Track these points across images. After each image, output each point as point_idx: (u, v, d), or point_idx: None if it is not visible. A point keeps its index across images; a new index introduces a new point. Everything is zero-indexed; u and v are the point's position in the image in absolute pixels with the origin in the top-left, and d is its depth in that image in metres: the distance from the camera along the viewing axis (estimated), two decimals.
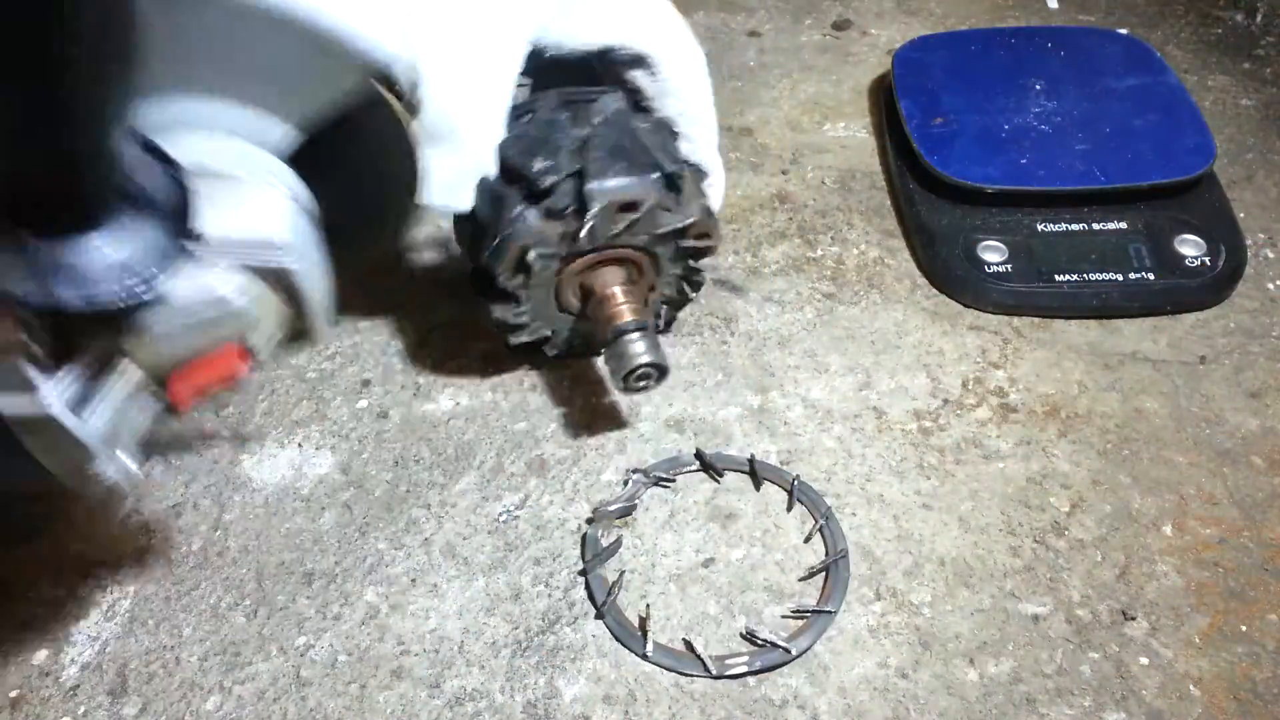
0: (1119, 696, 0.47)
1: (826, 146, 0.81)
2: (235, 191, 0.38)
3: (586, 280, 0.54)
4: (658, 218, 0.51)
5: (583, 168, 0.49)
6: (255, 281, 0.38)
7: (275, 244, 0.38)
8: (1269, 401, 0.60)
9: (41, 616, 0.52)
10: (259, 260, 0.37)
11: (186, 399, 0.39)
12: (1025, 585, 0.51)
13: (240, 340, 0.39)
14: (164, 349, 0.37)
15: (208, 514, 0.56)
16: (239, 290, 0.37)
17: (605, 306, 0.54)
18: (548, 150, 0.50)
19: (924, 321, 0.66)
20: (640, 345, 0.52)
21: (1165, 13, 0.95)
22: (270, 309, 0.39)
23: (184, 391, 0.38)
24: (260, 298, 0.38)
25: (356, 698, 0.48)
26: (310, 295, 0.40)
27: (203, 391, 0.39)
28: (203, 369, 0.39)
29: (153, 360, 0.37)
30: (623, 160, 0.50)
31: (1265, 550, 0.53)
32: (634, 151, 0.51)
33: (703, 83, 0.54)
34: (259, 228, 0.37)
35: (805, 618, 0.50)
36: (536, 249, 0.51)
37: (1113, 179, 0.68)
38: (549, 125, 0.52)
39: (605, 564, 0.53)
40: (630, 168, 0.50)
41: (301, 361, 0.65)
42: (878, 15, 0.97)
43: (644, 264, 0.55)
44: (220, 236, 0.36)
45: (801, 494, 0.55)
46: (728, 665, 0.48)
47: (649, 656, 0.49)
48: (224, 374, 0.39)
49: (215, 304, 0.37)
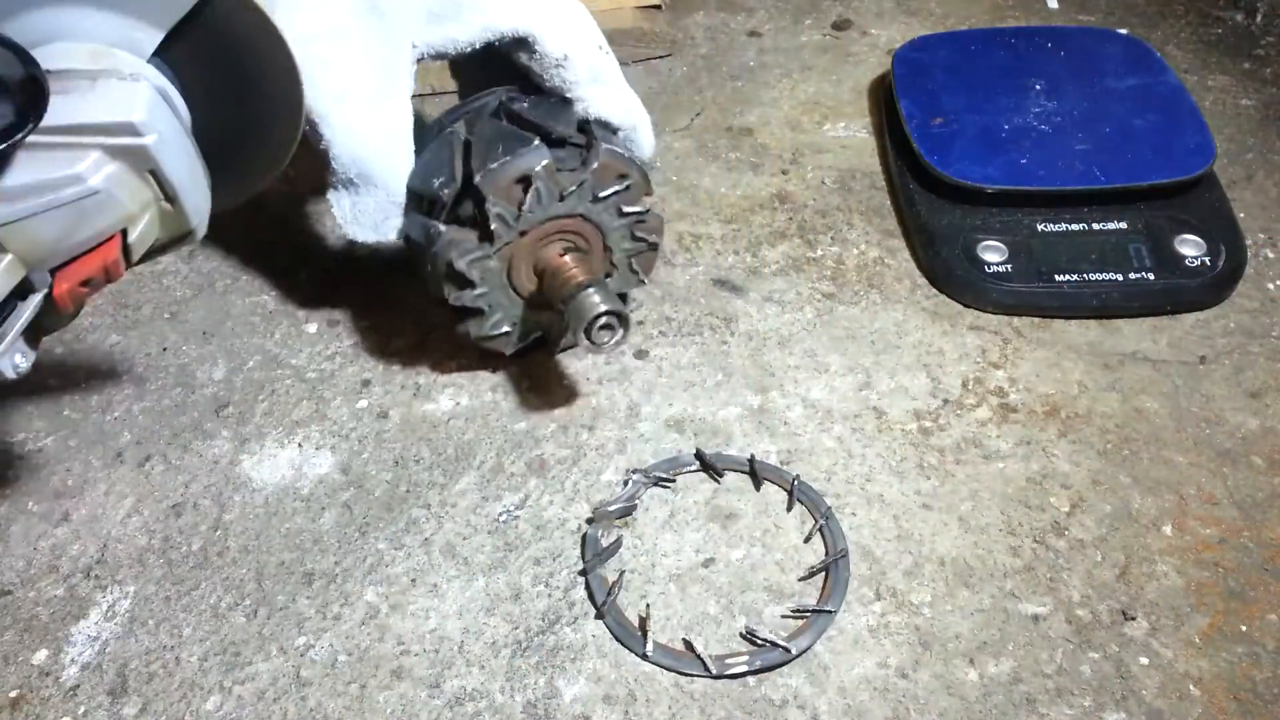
0: (1119, 696, 0.47)
1: (826, 146, 0.81)
2: (94, 83, 0.40)
3: (535, 263, 0.55)
4: (559, 179, 0.52)
5: (469, 168, 0.51)
6: (118, 164, 0.40)
7: (132, 125, 0.39)
8: (1269, 401, 0.60)
9: (41, 616, 0.52)
10: (116, 141, 0.39)
11: (66, 292, 0.40)
12: (1025, 585, 0.51)
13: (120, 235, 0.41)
14: (39, 238, 0.39)
15: (208, 514, 0.56)
16: (93, 168, 0.39)
17: (557, 277, 0.54)
18: (440, 166, 0.53)
19: (924, 321, 0.66)
20: (596, 296, 0.52)
21: (1165, 13, 0.95)
22: (140, 198, 0.41)
23: (64, 285, 0.40)
24: (127, 184, 0.40)
25: (356, 698, 0.48)
26: (178, 182, 0.42)
27: (84, 284, 0.41)
28: (82, 262, 0.40)
29: (30, 250, 0.39)
30: (503, 143, 0.51)
31: (1265, 550, 0.53)
32: (515, 132, 0.52)
33: (583, 42, 0.54)
34: (115, 111, 0.39)
35: (805, 617, 0.50)
36: (460, 257, 0.52)
37: (1113, 179, 0.68)
38: (442, 143, 0.54)
39: (605, 564, 0.53)
40: (511, 147, 0.51)
41: (301, 361, 0.65)
42: (878, 15, 0.97)
43: (586, 232, 0.55)
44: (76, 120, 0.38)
45: (801, 494, 0.55)
46: (727, 665, 0.48)
47: (649, 656, 0.49)
48: (101, 265, 0.41)
49: (74, 183, 0.38)
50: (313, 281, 0.71)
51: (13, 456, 0.60)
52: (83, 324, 0.68)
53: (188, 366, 0.65)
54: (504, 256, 0.54)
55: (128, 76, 0.41)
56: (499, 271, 0.54)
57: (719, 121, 0.84)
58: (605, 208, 0.54)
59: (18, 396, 0.63)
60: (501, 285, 0.55)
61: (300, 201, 0.77)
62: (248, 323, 0.68)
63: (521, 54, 0.54)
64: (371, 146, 0.52)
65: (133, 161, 0.40)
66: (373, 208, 0.54)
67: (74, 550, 0.55)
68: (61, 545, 0.55)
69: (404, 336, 0.66)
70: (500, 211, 0.51)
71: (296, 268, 0.71)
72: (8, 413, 0.62)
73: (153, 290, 0.70)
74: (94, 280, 0.41)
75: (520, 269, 0.55)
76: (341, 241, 0.73)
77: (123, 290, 0.70)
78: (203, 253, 0.73)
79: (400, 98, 0.53)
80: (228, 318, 0.68)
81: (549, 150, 0.52)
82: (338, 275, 0.71)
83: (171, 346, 0.66)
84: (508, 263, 0.54)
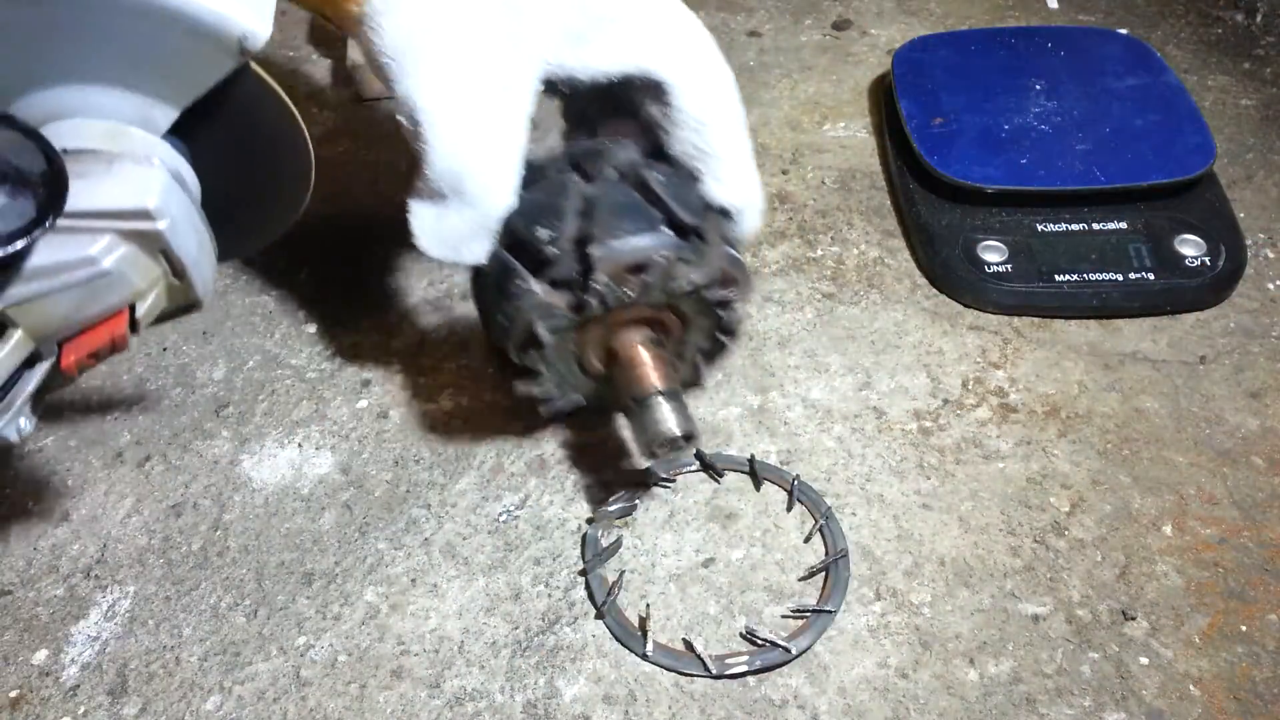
0: (1119, 696, 0.47)
1: (826, 146, 0.81)
2: (109, 166, 0.41)
3: (609, 343, 0.51)
4: (675, 273, 0.47)
5: (586, 231, 0.46)
6: (130, 247, 0.40)
7: (146, 211, 0.40)
8: (1269, 401, 0.60)
9: (41, 616, 0.52)
10: (130, 226, 0.40)
11: (74, 364, 0.41)
12: (1025, 585, 0.51)
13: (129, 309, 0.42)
14: (50, 316, 0.40)
15: (208, 514, 0.56)
16: (106, 250, 0.39)
17: (629, 370, 0.49)
18: (552, 215, 0.47)
19: (924, 321, 0.66)
20: (666, 411, 0.48)
21: (1165, 13, 0.95)
22: (149, 276, 0.42)
23: (71, 356, 0.41)
24: (138, 264, 0.41)
25: (356, 698, 0.48)
26: (188, 260, 0.42)
27: (91, 356, 0.42)
28: (89, 335, 0.41)
29: (41, 327, 0.40)
30: (629, 218, 0.47)
31: (1265, 550, 0.53)
32: (643, 206, 0.47)
33: (725, 109, 0.48)
34: (130, 197, 0.40)
35: (805, 617, 0.50)
36: (544, 322, 0.48)
37: (1113, 179, 0.68)
38: (556, 187, 0.49)
39: (605, 564, 0.53)
40: (637, 225, 0.47)
41: (301, 361, 0.65)
42: (878, 15, 0.97)
43: (670, 321, 0.51)
44: (92, 206, 0.39)
45: (801, 494, 0.55)
46: (728, 665, 0.48)
47: (649, 656, 0.49)
48: (109, 338, 0.41)
49: (86, 265, 0.39)
50: (313, 281, 0.71)
51: (13, 456, 0.60)
52: None
53: (188, 366, 0.65)
54: (581, 329, 0.50)
55: (143, 159, 0.41)
56: (570, 341, 0.50)
57: None
58: (701, 308, 0.50)
59: None
60: (567, 353, 0.51)
61: None
62: (248, 323, 0.68)
63: (653, 105, 0.48)
64: (477, 161, 0.45)
65: (144, 243, 0.41)
66: (459, 227, 0.47)
67: (74, 550, 0.55)
68: (61, 545, 0.55)
69: (404, 336, 0.66)
70: (605, 292, 0.46)
71: (296, 268, 0.71)
72: None
73: None
74: (100, 352, 0.42)
75: (593, 344, 0.51)
76: (341, 242, 0.73)
77: None
78: None
79: (518, 116, 0.46)
80: (228, 318, 0.68)
81: (675, 239, 0.47)
82: (338, 275, 0.71)
83: (171, 346, 0.66)
84: (581, 336, 0.50)
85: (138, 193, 0.40)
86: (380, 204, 0.76)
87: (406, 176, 0.49)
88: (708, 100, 0.47)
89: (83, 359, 0.41)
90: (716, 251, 0.48)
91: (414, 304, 0.68)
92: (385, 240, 0.73)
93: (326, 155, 0.81)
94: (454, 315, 0.67)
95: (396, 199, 0.49)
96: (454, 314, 0.67)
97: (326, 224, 0.76)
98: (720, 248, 0.49)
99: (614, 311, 0.48)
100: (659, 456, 0.49)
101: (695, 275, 0.47)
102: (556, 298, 0.48)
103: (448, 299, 0.68)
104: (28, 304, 0.39)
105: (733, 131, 0.49)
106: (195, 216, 0.43)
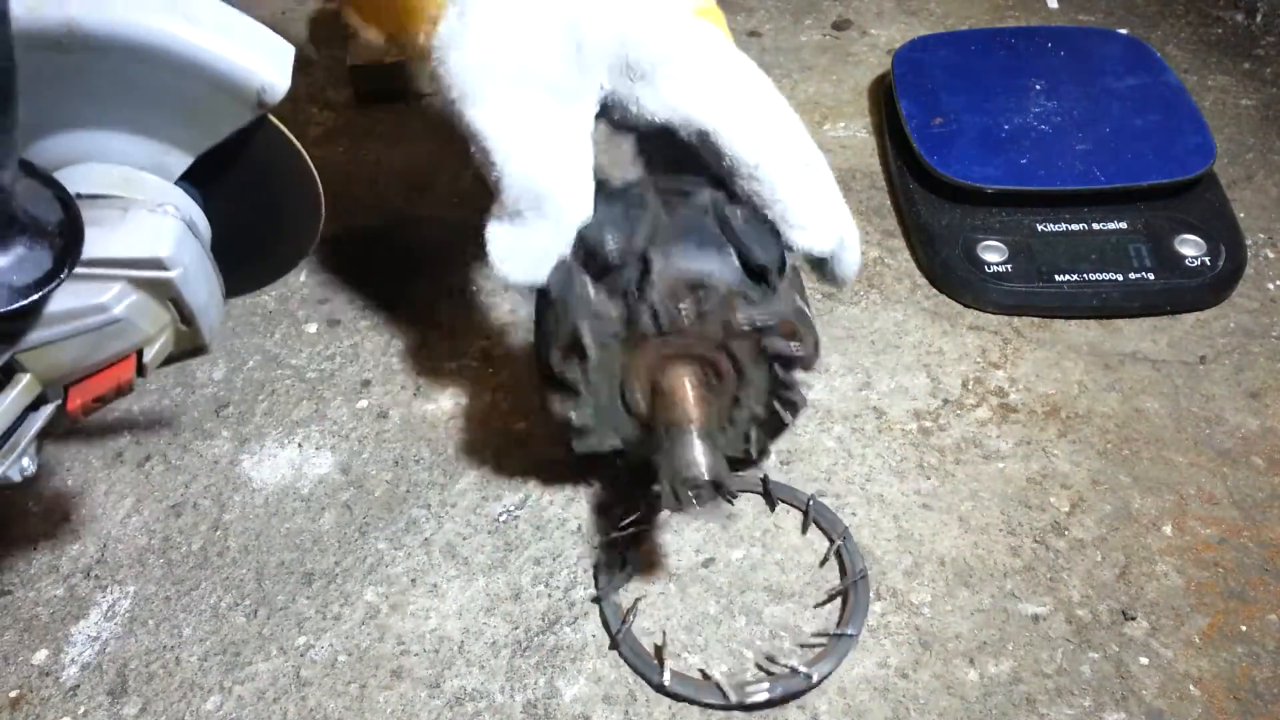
0: (1119, 696, 0.47)
1: (826, 146, 0.80)
2: (124, 214, 0.41)
3: (656, 376, 0.48)
4: (736, 308, 0.45)
5: (652, 242, 0.45)
6: (141, 294, 0.41)
7: (159, 260, 0.40)
8: (1269, 401, 0.60)
9: (41, 616, 0.52)
10: (143, 275, 0.40)
11: (79, 407, 0.42)
12: (1025, 585, 0.51)
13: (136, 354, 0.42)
14: (59, 361, 0.40)
15: (208, 514, 0.56)
16: (117, 298, 0.40)
17: (670, 398, 0.47)
18: (623, 223, 0.46)
19: (924, 321, 0.66)
20: (698, 451, 0.45)
21: (1165, 13, 0.95)
22: (158, 322, 0.42)
23: (78, 400, 0.42)
24: (148, 311, 0.41)
25: (356, 698, 0.48)
26: (197, 307, 0.43)
27: (96, 400, 0.42)
28: (96, 379, 0.42)
29: (49, 371, 0.40)
30: (698, 239, 0.45)
31: (1265, 550, 0.53)
32: (715, 234, 0.45)
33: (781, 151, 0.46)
34: (144, 246, 0.40)
35: (825, 643, 0.49)
36: (592, 329, 0.45)
37: (1113, 179, 0.68)
38: (634, 202, 0.47)
39: (619, 590, 0.51)
40: (703, 245, 0.44)
41: (301, 361, 0.65)
42: (878, 15, 0.97)
43: (723, 366, 0.47)
44: (107, 254, 0.39)
45: (818, 515, 0.54)
46: (748, 694, 0.46)
47: (666, 687, 0.47)
48: (115, 383, 0.42)
49: (98, 313, 0.40)
50: (312, 281, 0.71)
51: None
52: None
53: (188, 366, 0.65)
54: (629, 351, 0.46)
55: (157, 207, 0.42)
56: (616, 364, 0.47)
57: None
58: (758, 359, 0.47)
59: None
60: (611, 379, 0.48)
61: None
62: (248, 323, 0.68)
63: (709, 153, 0.47)
64: (551, 174, 0.45)
65: (156, 291, 0.41)
66: (534, 246, 0.46)
67: (74, 550, 0.55)
68: (61, 545, 0.55)
69: (404, 336, 0.66)
70: (658, 304, 0.44)
71: (296, 268, 0.71)
72: None
73: None
74: (106, 396, 0.42)
75: (640, 375, 0.48)
76: (340, 242, 0.73)
77: None
78: None
79: (585, 132, 0.46)
80: (228, 318, 0.68)
81: (742, 273, 0.45)
82: (338, 275, 0.71)
83: None
84: (628, 362, 0.47)
85: (152, 242, 0.40)
86: (380, 204, 0.76)
87: (411, 180, 0.49)
88: (758, 144, 0.45)
89: (88, 403, 0.42)
90: (784, 298, 0.46)
91: (414, 304, 0.68)
92: (385, 240, 0.73)
93: (326, 155, 0.81)
94: (454, 315, 0.67)
95: (396, 199, 0.49)
96: (454, 314, 0.67)
97: (326, 224, 0.75)
98: (790, 296, 0.46)
99: (666, 340, 0.46)
100: (683, 504, 0.45)
101: (756, 314, 0.45)
102: (610, 305, 0.45)
103: (449, 299, 0.68)
104: (38, 349, 0.39)
105: (795, 173, 0.46)
106: (206, 263, 0.44)
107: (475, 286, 0.69)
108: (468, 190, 0.76)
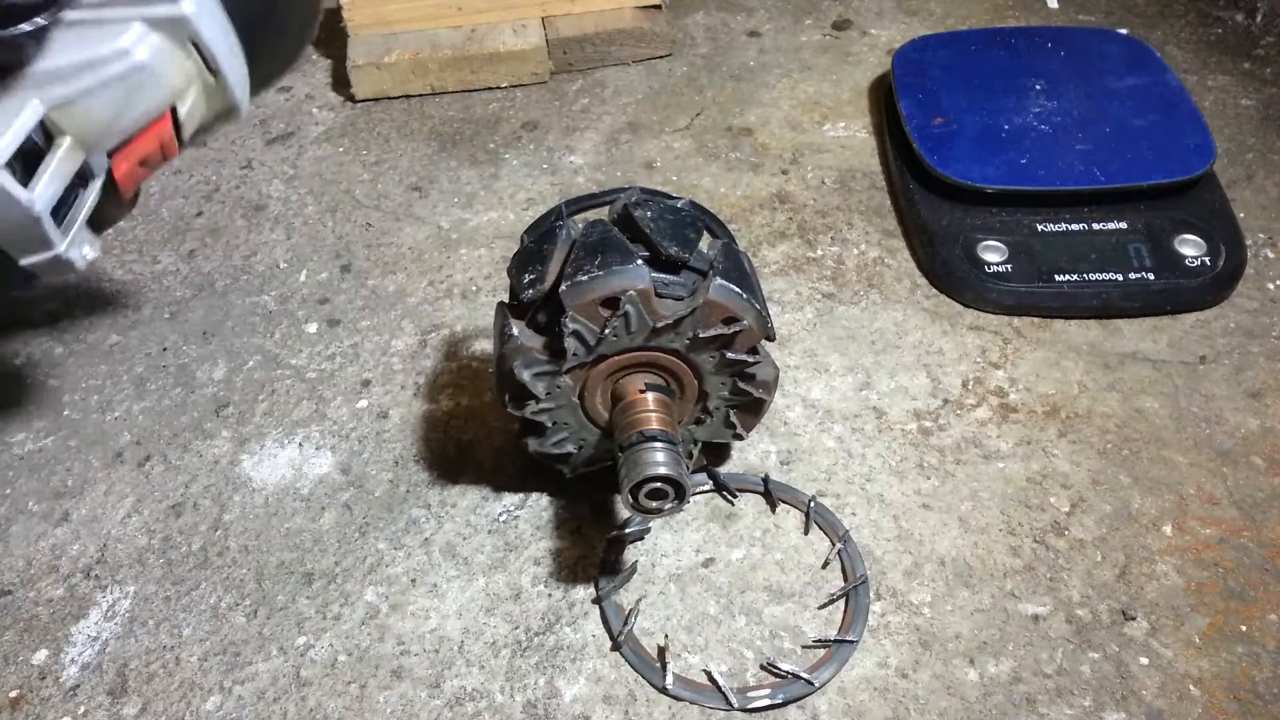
0: (1119, 696, 0.47)
1: (826, 146, 0.81)
2: None
3: (614, 391, 0.49)
4: (655, 309, 0.44)
5: (563, 274, 0.45)
6: (160, 36, 0.40)
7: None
8: (1269, 401, 0.60)
9: (41, 616, 0.52)
10: (155, 12, 0.40)
11: (128, 173, 0.42)
12: (1025, 585, 0.51)
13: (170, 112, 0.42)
14: (93, 118, 0.40)
15: (208, 514, 0.56)
16: (137, 40, 0.40)
17: (626, 415, 0.47)
18: (537, 261, 0.46)
19: (924, 321, 0.66)
20: (659, 455, 0.44)
21: (1165, 13, 0.95)
22: (184, 71, 0.42)
23: (123, 165, 0.42)
24: (171, 57, 0.41)
25: (356, 698, 0.48)
26: (219, 52, 0.42)
27: (142, 163, 0.42)
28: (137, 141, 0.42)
29: (85, 131, 0.40)
30: (604, 254, 0.45)
31: (1265, 550, 0.53)
32: (622, 243, 0.46)
33: None
34: None
35: (827, 648, 0.49)
36: (528, 369, 0.46)
37: (1113, 179, 0.68)
38: (550, 237, 0.48)
39: (620, 590, 0.51)
40: (606, 260, 0.44)
41: (301, 361, 0.65)
42: (878, 15, 0.97)
43: (679, 371, 0.48)
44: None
45: (819, 516, 0.54)
46: (750, 699, 0.47)
47: (669, 690, 0.47)
48: (157, 142, 0.42)
49: (120, 58, 0.39)
50: (312, 281, 0.71)
51: (13, 456, 0.60)
52: (83, 324, 0.68)
53: (188, 366, 0.65)
54: (577, 377, 0.47)
55: None
56: (571, 390, 0.48)
57: (719, 121, 0.84)
58: (705, 349, 0.47)
59: (18, 396, 0.63)
60: (571, 405, 0.49)
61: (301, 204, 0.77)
62: (248, 323, 0.68)
63: None
64: None
65: (173, 32, 0.41)
66: None
67: (74, 550, 0.55)
68: (61, 545, 0.55)
69: (404, 336, 0.66)
70: (578, 330, 0.44)
71: (297, 268, 0.71)
72: (8, 412, 0.62)
73: (153, 290, 0.70)
74: (151, 159, 0.42)
75: (595, 393, 0.48)
76: (340, 242, 0.73)
77: (123, 290, 0.70)
78: (202, 253, 0.73)
79: None
80: (228, 318, 0.68)
81: (651, 273, 0.45)
82: (338, 275, 0.71)
83: (171, 346, 0.66)
84: (581, 384, 0.48)
85: None
86: (380, 203, 0.76)
87: (411, 180, 0.48)
88: None
89: (134, 168, 0.42)
90: (708, 284, 0.45)
91: (414, 304, 0.68)
92: (384, 239, 0.73)
93: (326, 155, 0.81)
94: (455, 316, 0.67)
95: (396, 199, 0.49)
96: (455, 315, 0.67)
97: (326, 224, 0.76)
98: (714, 282, 0.45)
99: (609, 359, 0.46)
100: (644, 509, 0.45)
101: (678, 307, 0.45)
102: (535, 342, 0.46)
103: (448, 299, 0.68)
104: (69, 106, 0.39)
105: None
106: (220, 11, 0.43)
107: (475, 287, 0.69)
108: (468, 190, 0.76)
